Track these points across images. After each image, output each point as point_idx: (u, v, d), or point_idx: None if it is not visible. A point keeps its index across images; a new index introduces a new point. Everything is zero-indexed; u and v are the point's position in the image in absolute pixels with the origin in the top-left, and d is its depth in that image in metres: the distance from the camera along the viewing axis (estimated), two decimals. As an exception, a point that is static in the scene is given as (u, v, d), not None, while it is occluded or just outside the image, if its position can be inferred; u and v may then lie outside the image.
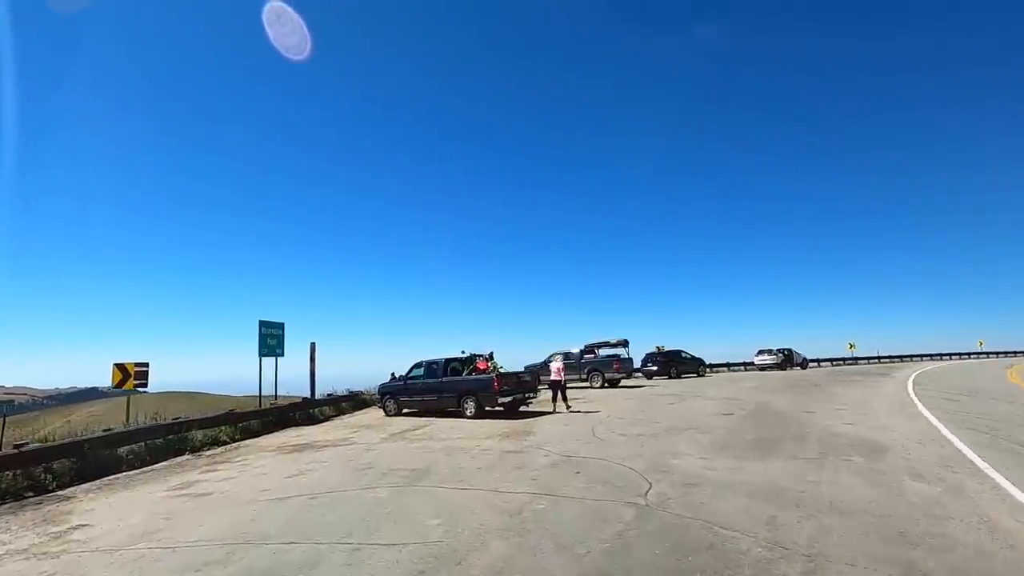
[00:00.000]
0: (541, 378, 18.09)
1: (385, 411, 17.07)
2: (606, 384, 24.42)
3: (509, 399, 14.59)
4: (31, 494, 8.31)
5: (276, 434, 14.35)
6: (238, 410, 14.07)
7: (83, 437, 9.60)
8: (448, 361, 16.06)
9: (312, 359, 20.46)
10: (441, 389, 15.57)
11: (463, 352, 16.36)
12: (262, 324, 17.21)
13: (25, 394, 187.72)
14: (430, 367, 16.25)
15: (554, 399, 15.41)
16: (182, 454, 11.53)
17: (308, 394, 21.17)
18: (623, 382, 25.89)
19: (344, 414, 19.53)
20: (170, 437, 11.66)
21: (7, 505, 7.67)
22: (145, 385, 12.70)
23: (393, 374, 29.59)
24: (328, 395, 19.87)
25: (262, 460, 10.17)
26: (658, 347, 38.75)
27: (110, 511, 6.95)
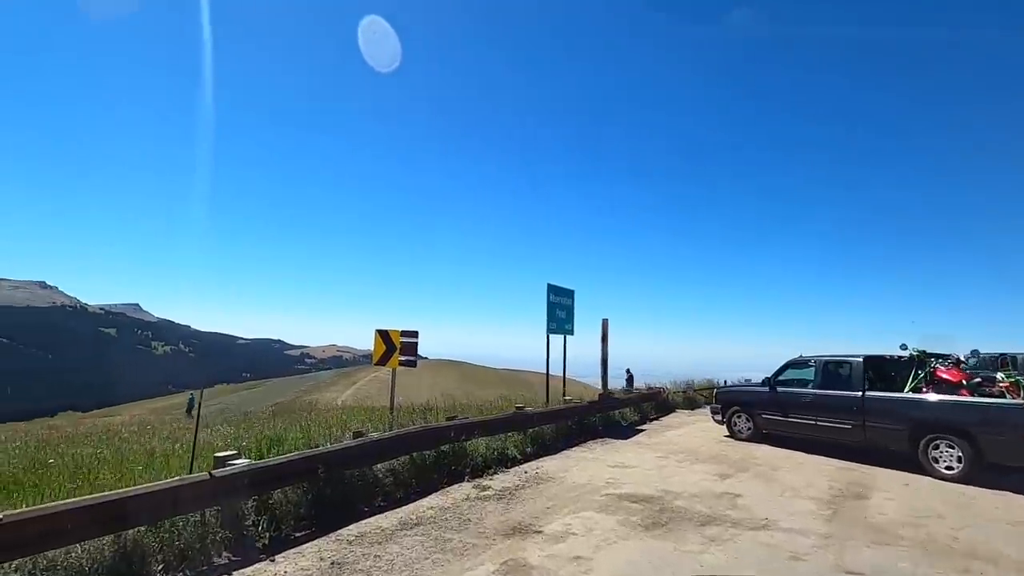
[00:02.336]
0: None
1: (732, 432, 10.74)
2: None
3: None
4: (225, 559, 4.46)
5: (579, 452, 9.36)
6: (528, 409, 9.49)
7: (319, 450, 5.69)
8: (869, 361, 8.80)
9: (604, 340, 15.41)
10: (866, 411, 8.41)
11: (903, 348, 8.90)
12: (551, 289, 12.63)
13: (350, 352, 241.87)
14: (829, 370, 9.22)
15: None
16: (459, 479, 7.18)
17: (590, 381, 16.32)
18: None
19: (649, 420, 14.03)
20: (443, 448, 7.45)
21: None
22: (414, 362, 8.99)
23: (628, 371, 21.36)
24: (626, 391, 14.60)
25: (599, 542, 4.87)
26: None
27: None
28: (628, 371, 21.44)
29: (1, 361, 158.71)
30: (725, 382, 22.10)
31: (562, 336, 13.21)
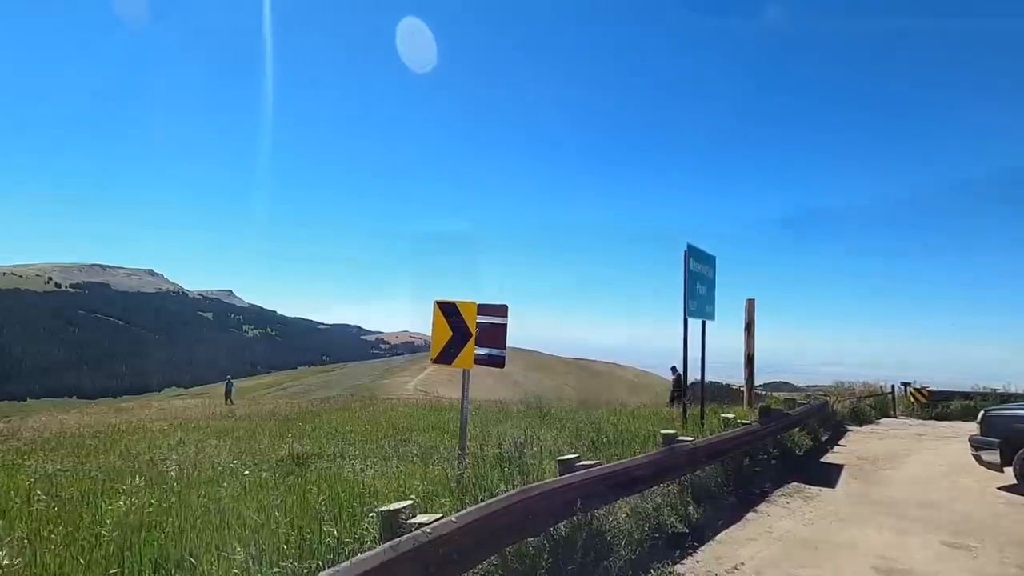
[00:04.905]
0: None
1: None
2: None
3: None
4: None
5: (778, 519, 5.47)
6: (686, 440, 5.67)
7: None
8: None
9: (749, 330, 11.27)
10: None
11: None
12: (691, 253, 8.65)
13: (421, 338, 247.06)
14: None
15: None
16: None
17: (656, 371, 12.42)
18: None
19: (826, 444, 9.88)
20: (561, 529, 3.87)
21: None
22: (502, 359, 5.26)
23: (675, 369, 12.44)
24: (799, 405, 10.39)
25: None
26: None
27: None
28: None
29: (120, 342, 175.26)
30: (905, 386, 16.86)
31: (702, 322, 9.24)
